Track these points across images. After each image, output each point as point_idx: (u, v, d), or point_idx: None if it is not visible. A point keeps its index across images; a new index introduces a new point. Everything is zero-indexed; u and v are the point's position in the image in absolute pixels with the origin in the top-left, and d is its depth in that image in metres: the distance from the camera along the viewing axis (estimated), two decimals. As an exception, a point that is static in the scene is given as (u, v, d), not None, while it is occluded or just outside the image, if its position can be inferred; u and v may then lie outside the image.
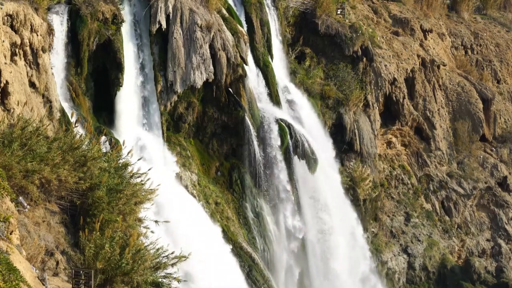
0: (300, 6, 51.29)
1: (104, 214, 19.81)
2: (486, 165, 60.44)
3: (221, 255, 36.83)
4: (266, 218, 42.46)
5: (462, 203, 57.63)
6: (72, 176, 20.12)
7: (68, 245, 19.71)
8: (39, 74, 30.73)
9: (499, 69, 68.52)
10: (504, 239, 58.32)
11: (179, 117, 40.52)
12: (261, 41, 45.61)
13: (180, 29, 39.35)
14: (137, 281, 18.61)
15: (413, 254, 53.41)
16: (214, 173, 42.06)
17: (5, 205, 16.73)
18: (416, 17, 63.58)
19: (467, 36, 68.80)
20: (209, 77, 39.91)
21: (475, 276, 54.78)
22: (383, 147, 55.83)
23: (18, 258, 15.34)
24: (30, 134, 20.26)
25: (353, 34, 50.95)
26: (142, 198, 21.66)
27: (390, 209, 54.33)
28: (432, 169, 57.72)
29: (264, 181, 42.34)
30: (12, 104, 27.36)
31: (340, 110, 49.34)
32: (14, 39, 28.85)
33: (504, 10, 78.26)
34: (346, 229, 47.10)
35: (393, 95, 55.52)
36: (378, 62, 54.26)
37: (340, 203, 47.18)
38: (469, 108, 61.32)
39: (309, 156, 43.84)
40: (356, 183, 49.52)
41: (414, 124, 57.23)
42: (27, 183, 19.19)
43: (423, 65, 59.01)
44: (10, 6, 29.00)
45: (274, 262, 42.29)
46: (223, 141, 42.13)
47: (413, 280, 53.17)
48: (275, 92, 45.45)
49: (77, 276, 17.76)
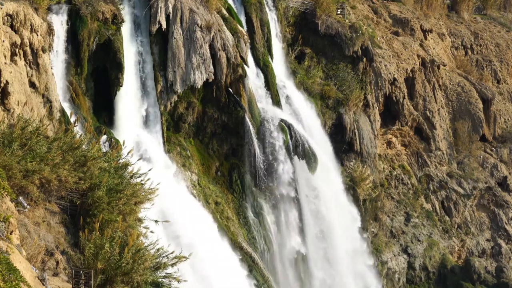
0: (300, 6, 51.28)
1: (104, 214, 19.81)
2: (486, 165, 60.45)
3: (221, 255, 36.83)
4: (266, 218, 42.47)
5: (462, 203, 57.62)
6: (72, 176, 20.11)
7: (68, 245, 19.71)
8: (39, 74, 30.74)
9: (499, 69, 68.52)
10: (504, 239, 58.32)
11: (179, 117, 40.52)
12: (261, 41, 45.60)
13: (180, 29, 39.36)
14: (137, 281, 18.59)
15: (413, 254, 53.41)
16: (214, 173, 42.07)
17: (5, 205, 16.73)
18: (416, 17, 63.59)
19: (467, 36, 68.80)
20: (209, 77, 39.91)
21: (475, 276, 54.76)
22: (383, 147, 55.83)
23: (18, 258, 15.34)
24: (30, 134, 20.25)
25: (353, 34, 50.94)
26: (142, 198, 21.64)
27: (390, 209, 54.32)
28: (432, 169, 57.72)
29: (264, 181, 42.34)
30: (12, 104, 27.36)
31: (340, 110, 49.33)
32: (14, 39, 28.85)
33: (504, 10, 78.26)
34: (346, 229, 47.08)
35: (393, 95, 55.52)
36: (378, 62, 54.26)
37: (340, 203, 47.17)
38: (469, 108, 61.33)
39: (309, 156, 43.84)
40: (356, 183, 49.52)
41: (414, 124, 57.24)
42: (27, 183, 19.19)
43: (423, 65, 59.01)
44: (10, 6, 29.00)
45: (274, 262, 42.30)
46: (223, 141, 42.14)
47: (413, 280, 53.17)
48: (275, 92, 45.45)
49: (77, 276, 17.76)
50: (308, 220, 44.52)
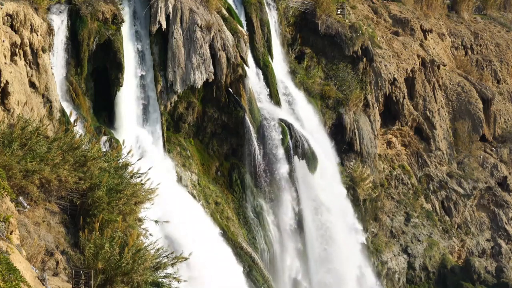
0: (300, 6, 51.28)
1: (104, 214, 19.79)
2: (486, 165, 60.44)
3: (221, 255, 36.84)
4: (266, 218, 42.47)
5: (462, 203, 57.62)
6: (72, 176, 20.10)
7: (68, 245, 19.71)
8: (39, 74, 30.73)
9: (499, 69, 68.52)
10: (504, 239, 58.32)
11: (179, 117, 40.52)
12: (261, 41, 45.61)
13: (180, 29, 39.35)
14: (137, 281, 18.58)
15: (413, 254, 53.41)
16: (214, 173, 42.07)
17: (5, 205, 16.73)
18: (416, 17, 63.58)
19: (467, 36, 68.80)
20: (209, 77, 39.91)
21: (475, 276, 54.75)
22: (383, 147, 55.82)
23: (18, 258, 15.34)
24: (30, 134, 20.24)
25: (353, 34, 50.93)
26: (142, 198, 21.64)
27: (390, 209, 54.32)
28: (432, 169, 57.71)
29: (264, 181, 42.34)
30: (12, 104, 27.36)
31: (340, 110, 49.33)
32: (14, 39, 28.85)
33: (504, 10, 78.26)
34: (346, 228, 47.07)
35: (393, 95, 55.52)
36: (378, 62, 54.25)
37: (340, 203, 47.15)
38: (469, 108, 61.33)
39: (309, 156, 43.84)
40: (356, 183, 49.52)
41: (414, 124, 57.24)
42: (27, 183, 19.18)
43: (423, 65, 59.01)
44: (10, 6, 29.00)
45: (274, 262, 42.30)
46: (223, 141, 42.14)
47: (413, 280, 53.16)
48: (275, 92, 45.46)
49: (77, 276, 17.75)
50: (308, 220, 44.50)
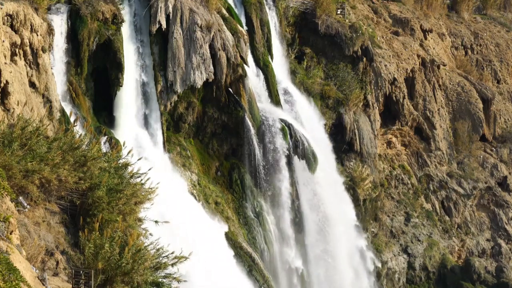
0: (300, 6, 51.28)
1: (104, 214, 19.80)
2: (486, 165, 60.45)
3: (221, 255, 36.84)
4: (266, 218, 42.46)
5: (462, 203, 57.62)
6: (72, 176, 20.11)
7: (68, 245, 19.71)
8: (39, 74, 30.73)
9: (499, 69, 68.52)
10: (504, 239, 58.32)
11: (179, 117, 40.52)
12: (261, 41, 45.61)
13: (180, 29, 39.35)
14: (137, 281, 18.58)
15: (413, 254, 53.41)
16: (214, 173, 42.07)
17: (5, 205, 16.73)
18: (416, 17, 63.58)
19: (467, 36, 68.80)
20: (209, 77, 39.91)
21: (475, 276, 54.76)
22: (383, 147, 55.82)
23: (18, 258, 15.34)
24: (30, 134, 20.24)
25: (353, 34, 50.94)
26: (142, 198, 21.64)
27: (390, 209, 54.33)
28: (432, 169, 57.72)
29: (264, 181, 42.34)
30: (12, 104, 27.36)
31: (340, 110, 49.34)
32: (14, 39, 28.85)
33: (504, 10, 78.25)
34: (345, 228, 47.07)
35: (393, 95, 55.52)
36: (378, 62, 54.25)
37: (340, 203, 47.16)
38: (469, 108, 61.32)
39: (309, 156, 43.84)
40: (356, 183, 49.52)
41: (414, 124, 57.24)
42: (27, 183, 19.18)
43: (423, 65, 59.01)
44: (10, 6, 29.00)
45: (274, 262, 42.30)
46: (223, 141, 42.14)
47: (413, 280, 53.17)
48: (275, 92, 45.45)
49: (77, 276, 17.76)
50: (308, 220, 44.51)
